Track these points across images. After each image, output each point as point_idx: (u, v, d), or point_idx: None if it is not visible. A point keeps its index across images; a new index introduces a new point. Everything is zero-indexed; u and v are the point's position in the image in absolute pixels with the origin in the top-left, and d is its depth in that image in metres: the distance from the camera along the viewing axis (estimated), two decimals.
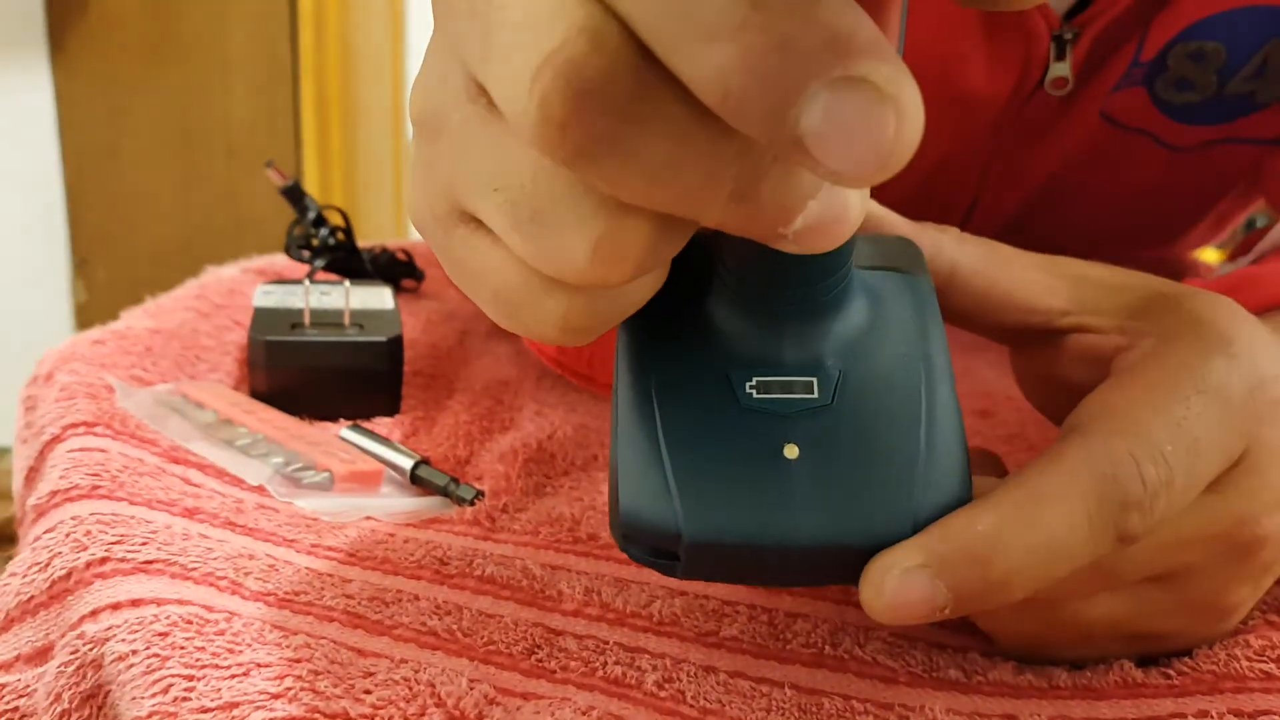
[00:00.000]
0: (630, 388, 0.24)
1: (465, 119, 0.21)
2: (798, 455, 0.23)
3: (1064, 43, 0.46)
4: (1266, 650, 0.28)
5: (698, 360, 0.25)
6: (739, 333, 0.25)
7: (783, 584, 0.25)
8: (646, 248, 0.20)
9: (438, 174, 0.23)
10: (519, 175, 0.20)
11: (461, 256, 0.23)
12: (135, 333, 0.49)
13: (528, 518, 0.37)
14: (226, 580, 0.32)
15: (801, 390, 0.24)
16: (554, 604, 0.31)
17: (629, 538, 0.24)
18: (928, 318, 0.26)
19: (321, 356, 0.45)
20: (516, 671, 0.28)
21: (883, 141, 0.16)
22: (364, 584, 0.32)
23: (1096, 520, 0.23)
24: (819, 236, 0.19)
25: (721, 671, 0.28)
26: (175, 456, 0.40)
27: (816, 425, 0.24)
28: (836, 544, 0.23)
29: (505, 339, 0.55)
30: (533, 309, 0.22)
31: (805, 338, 0.25)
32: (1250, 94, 0.48)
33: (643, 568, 0.33)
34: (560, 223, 0.20)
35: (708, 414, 0.24)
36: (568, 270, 0.20)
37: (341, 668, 0.28)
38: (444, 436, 0.44)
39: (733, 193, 0.18)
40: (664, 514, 0.23)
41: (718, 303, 0.25)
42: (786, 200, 0.18)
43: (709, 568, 0.24)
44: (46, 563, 0.33)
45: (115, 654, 0.28)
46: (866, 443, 0.24)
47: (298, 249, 0.60)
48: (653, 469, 0.23)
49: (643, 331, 0.25)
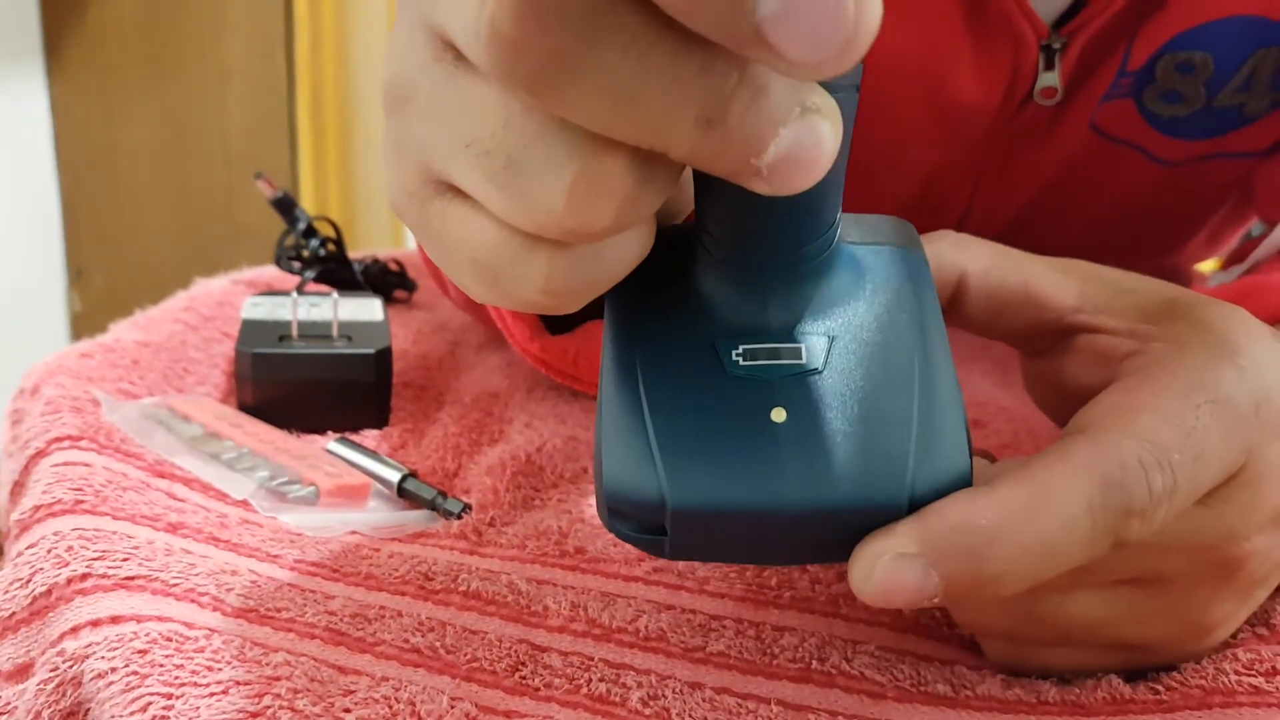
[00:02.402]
0: (615, 362, 0.24)
1: (433, 81, 0.21)
2: (785, 419, 0.23)
3: (1052, 52, 0.46)
4: (1255, 664, 0.28)
5: (683, 331, 0.24)
6: (725, 302, 0.24)
7: (773, 558, 0.24)
8: (624, 188, 0.20)
9: (410, 147, 0.22)
10: (489, 124, 0.20)
11: (439, 228, 0.23)
12: (123, 345, 0.48)
13: (515, 531, 0.37)
14: (208, 596, 0.31)
15: (789, 356, 0.24)
16: (539, 620, 0.31)
17: (614, 512, 0.23)
18: (921, 287, 0.25)
19: (309, 369, 0.44)
20: (499, 689, 0.28)
21: (843, 21, 0.15)
22: (347, 600, 0.32)
23: (1099, 524, 0.23)
24: (793, 169, 0.18)
25: (708, 688, 0.28)
26: (160, 471, 0.39)
27: (805, 390, 0.23)
28: (827, 507, 0.22)
29: (496, 350, 0.54)
30: (513, 273, 0.22)
31: (793, 305, 0.24)
32: (1239, 106, 0.48)
33: (629, 581, 0.33)
34: (534, 166, 0.20)
35: (693, 383, 0.23)
36: (546, 217, 0.20)
37: (321, 686, 0.27)
38: (432, 449, 0.43)
39: (699, 117, 0.17)
40: (648, 483, 0.22)
41: (703, 273, 0.24)
42: (757, 125, 0.18)
43: (697, 541, 0.23)
44: (28, 579, 0.32)
45: (95, 671, 0.28)
46: (857, 406, 0.23)
47: (288, 260, 0.59)
48: (636, 440, 0.23)
49: (628, 307, 0.25)
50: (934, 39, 0.47)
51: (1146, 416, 0.24)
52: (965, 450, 0.23)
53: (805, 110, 0.18)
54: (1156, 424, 0.24)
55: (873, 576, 0.22)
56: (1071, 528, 0.23)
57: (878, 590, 0.22)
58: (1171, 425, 0.24)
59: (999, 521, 0.22)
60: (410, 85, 0.22)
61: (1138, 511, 0.23)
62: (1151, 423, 0.24)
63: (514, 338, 0.43)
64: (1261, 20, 0.45)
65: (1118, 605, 0.27)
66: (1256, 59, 0.46)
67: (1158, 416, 0.24)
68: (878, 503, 0.22)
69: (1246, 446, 0.25)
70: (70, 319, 1.94)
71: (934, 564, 0.22)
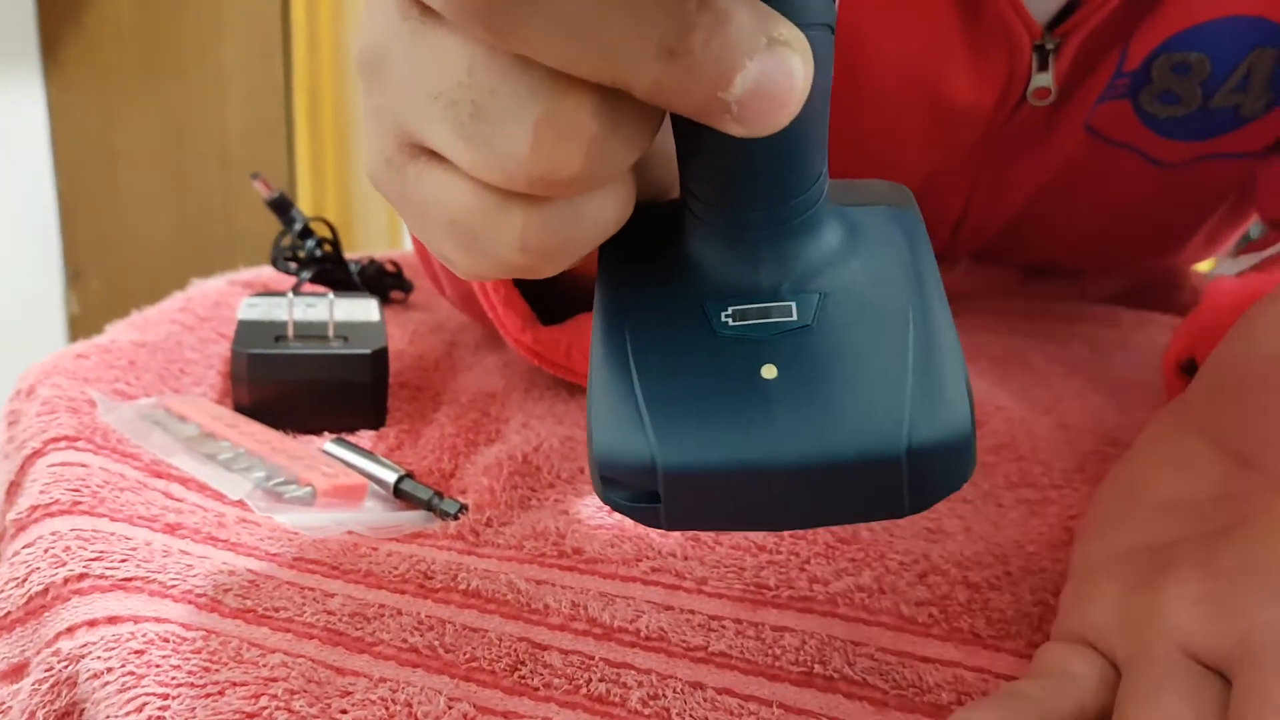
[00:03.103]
0: (603, 331, 0.24)
1: (401, 40, 0.21)
2: (776, 375, 0.22)
3: (1046, 53, 0.46)
4: None
5: (672, 296, 0.24)
6: (714, 264, 0.24)
7: (772, 521, 0.24)
8: (590, 130, 0.19)
9: (384, 112, 0.22)
10: (455, 73, 0.20)
11: (416, 195, 0.23)
12: (119, 346, 0.48)
13: (512, 531, 0.36)
14: (205, 597, 0.31)
15: (779, 315, 0.23)
16: (540, 617, 0.31)
17: (607, 480, 0.23)
18: (916, 244, 0.25)
19: (305, 369, 0.44)
20: (498, 689, 0.28)
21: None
22: (346, 598, 0.32)
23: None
24: (765, 105, 0.18)
25: (709, 688, 0.28)
26: (157, 471, 0.39)
27: (796, 346, 0.23)
28: (822, 460, 0.21)
29: (493, 350, 0.54)
30: (490, 233, 0.21)
31: (781, 264, 0.24)
32: (1235, 107, 0.48)
33: (628, 582, 0.33)
34: (500, 112, 0.19)
35: (682, 346, 0.23)
36: (513, 165, 0.20)
37: (318, 686, 0.27)
38: (429, 449, 0.43)
39: (661, 47, 0.17)
40: (638, 446, 0.22)
41: (690, 237, 0.24)
42: (722, 54, 0.17)
43: (691, 507, 0.22)
44: (24, 578, 0.32)
45: (90, 671, 0.28)
46: (851, 360, 0.22)
47: (284, 261, 0.59)
48: (625, 404, 0.22)
49: (616, 274, 0.24)
50: (928, 40, 0.46)
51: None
52: (966, 399, 0.22)
53: (773, 41, 0.17)
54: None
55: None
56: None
57: None
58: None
59: None
60: (381, 49, 0.22)
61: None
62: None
63: (506, 329, 0.43)
64: (1257, 20, 0.45)
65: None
66: (1252, 59, 0.46)
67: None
68: (874, 452, 0.21)
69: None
70: (68, 320, 1.94)
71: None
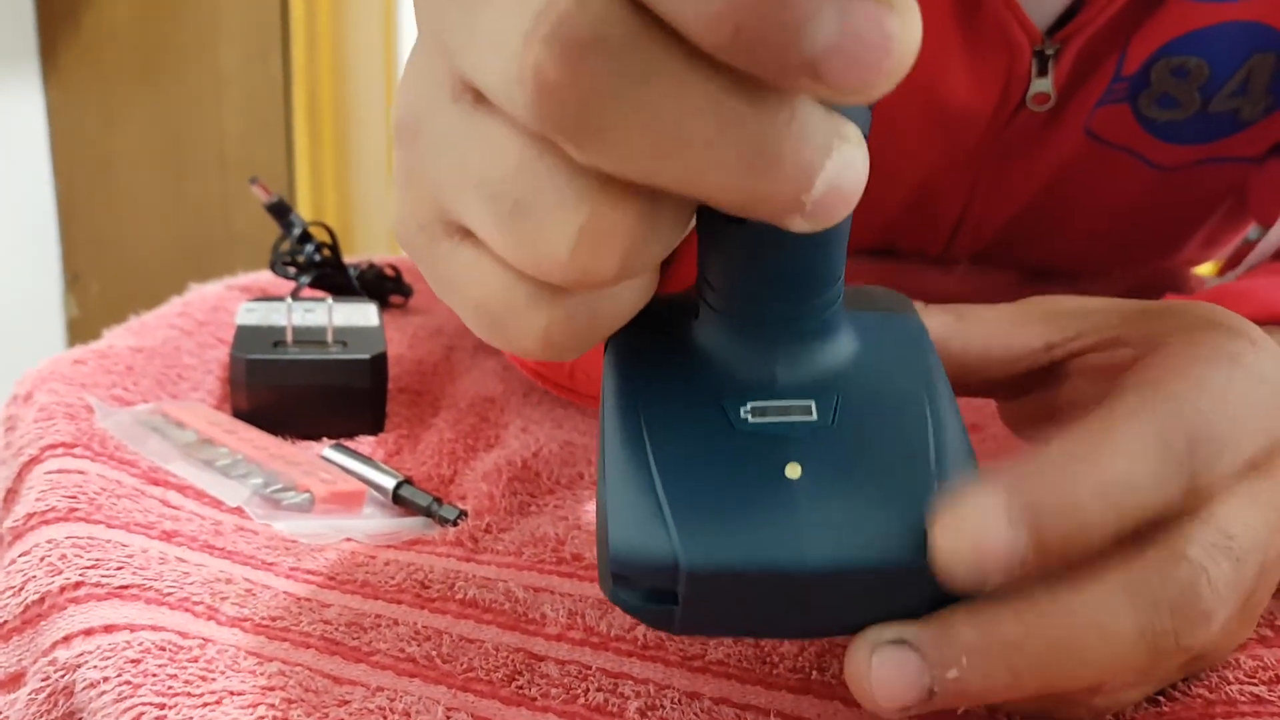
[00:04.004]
0: (618, 421, 0.23)
1: (448, 119, 0.21)
2: (800, 474, 0.22)
3: (1045, 58, 0.46)
4: (1258, 672, 0.28)
5: (689, 389, 0.23)
6: (730, 360, 0.24)
7: (784, 630, 0.23)
8: (633, 237, 0.19)
9: (420, 182, 0.23)
10: (502, 167, 0.20)
11: (446, 269, 0.23)
12: (117, 351, 0.48)
13: (511, 538, 0.36)
14: (203, 605, 0.31)
15: (799, 413, 0.23)
16: (537, 628, 0.31)
17: (620, 578, 0.22)
18: (923, 349, 0.25)
19: (303, 375, 0.44)
20: (496, 699, 0.28)
21: (893, 45, 0.16)
22: (343, 609, 0.31)
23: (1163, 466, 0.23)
24: (835, 201, 0.18)
25: (706, 698, 0.28)
26: (154, 478, 0.39)
27: (818, 445, 0.22)
28: (848, 568, 0.21)
29: (492, 354, 0.54)
30: (515, 321, 0.22)
31: (799, 363, 0.24)
32: (1234, 111, 0.48)
33: None
34: (544, 210, 0.19)
35: (702, 442, 0.22)
36: (551, 263, 0.20)
37: (316, 696, 0.27)
38: (428, 455, 0.43)
39: (749, 157, 0.17)
40: (659, 545, 0.21)
41: (705, 330, 0.24)
42: (809, 161, 0.17)
43: (708, 608, 0.22)
44: (20, 587, 0.32)
45: (87, 681, 0.28)
46: (873, 462, 0.22)
47: (283, 265, 0.59)
48: (645, 499, 0.22)
49: (628, 364, 0.24)
50: (926, 43, 0.46)
51: (1181, 381, 0.24)
52: None
53: (842, 139, 0.18)
54: (1192, 388, 0.24)
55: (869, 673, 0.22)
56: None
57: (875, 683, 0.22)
58: (1210, 391, 0.24)
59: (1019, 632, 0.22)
60: (423, 119, 0.22)
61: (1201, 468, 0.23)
62: (1186, 387, 0.24)
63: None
64: (1256, 26, 0.45)
65: (1163, 682, 0.27)
66: (1251, 64, 0.46)
67: (1191, 381, 0.24)
68: (901, 562, 0.21)
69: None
70: (67, 324, 1.93)
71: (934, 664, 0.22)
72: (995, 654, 0.22)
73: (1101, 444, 0.22)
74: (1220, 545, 0.23)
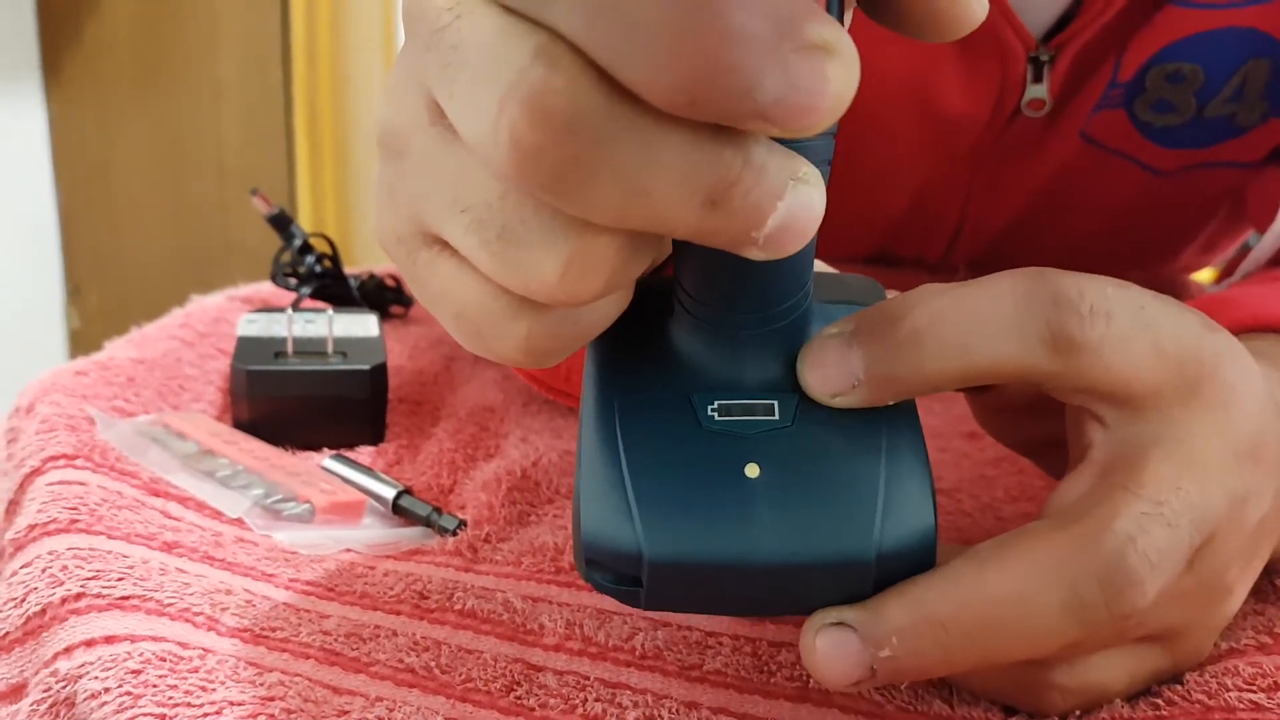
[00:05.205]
0: (594, 415, 0.25)
1: (428, 141, 0.22)
2: (759, 474, 0.24)
3: (1040, 64, 0.46)
4: (1256, 679, 0.28)
5: (660, 385, 0.25)
6: (701, 357, 0.25)
7: (745, 611, 0.25)
8: (616, 265, 0.21)
9: (401, 196, 0.23)
10: (485, 194, 0.21)
11: (426, 279, 0.23)
12: (118, 363, 0.48)
13: (510, 547, 0.36)
14: (203, 616, 0.31)
15: (762, 413, 0.25)
16: (535, 638, 0.31)
17: (592, 562, 0.24)
18: None
19: (304, 385, 0.44)
20: (494, 709, 0.28)
21: (834, 89, 0.17)
22: (342, 619, 0.32)
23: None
24: (787, 236, 0.19)
25: (704, 708, 0.28)
26: (155, 489, 0.39)
27: (777, 446, 0.24)
28: (798, 562, 0.23)
29: (492, 364, 0.54)
30: (496, 331, 0.23)
31: (766, 362, 0.25)
32: (1230, 116, 0.48)
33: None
34: (530, 242, 0.20)
35: (670, 437, 0.24)
36: (537, 288, 0.21)
37: (315, 706, 0.27)
38: (428, 465, 0.43)
39: (706, 199, 0.18)
40: (625, 536, 0.23)
41: (679, 328, 0.25)
42: (759, 201, 0.19)
43: (671, 592, 0.24)
44: (22, 598, 0.32)
45: (88, 692, 0.28)
46: (827, 464, 0.24)
47: (284, 276, 0.59)
48: (615, 492, 0.23)
49: (607, 359, 0.26)
50: (921, 50, 0.47)
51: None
52: (930, 508, 0.24)
53: (796, 181, 0.19)
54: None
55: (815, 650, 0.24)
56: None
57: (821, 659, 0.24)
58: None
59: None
60: (404, 139, 0.22)
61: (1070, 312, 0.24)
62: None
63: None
64: (1251, 32, 0.45)
65: (1138, 661, 0.27)
66: (1246, 70, 0.46)
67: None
68: (848, 556, 0.23)
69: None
70: (68, 336, 1.94)
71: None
72: (924, 632, 0.23)
73: (990, 577, 0.23)
74: (1151, 513, 0.24)
